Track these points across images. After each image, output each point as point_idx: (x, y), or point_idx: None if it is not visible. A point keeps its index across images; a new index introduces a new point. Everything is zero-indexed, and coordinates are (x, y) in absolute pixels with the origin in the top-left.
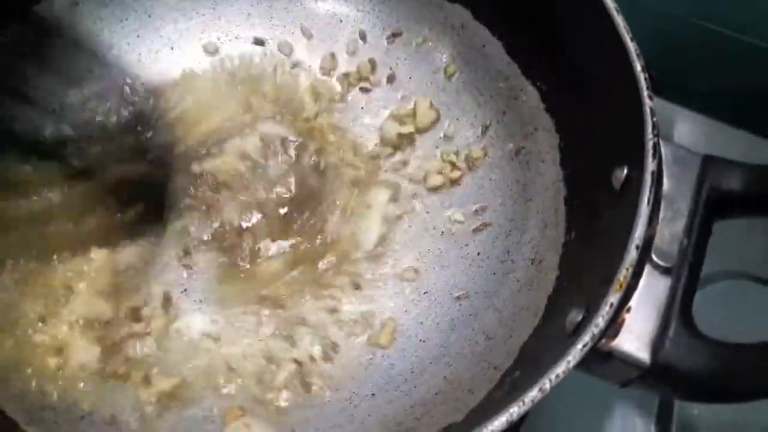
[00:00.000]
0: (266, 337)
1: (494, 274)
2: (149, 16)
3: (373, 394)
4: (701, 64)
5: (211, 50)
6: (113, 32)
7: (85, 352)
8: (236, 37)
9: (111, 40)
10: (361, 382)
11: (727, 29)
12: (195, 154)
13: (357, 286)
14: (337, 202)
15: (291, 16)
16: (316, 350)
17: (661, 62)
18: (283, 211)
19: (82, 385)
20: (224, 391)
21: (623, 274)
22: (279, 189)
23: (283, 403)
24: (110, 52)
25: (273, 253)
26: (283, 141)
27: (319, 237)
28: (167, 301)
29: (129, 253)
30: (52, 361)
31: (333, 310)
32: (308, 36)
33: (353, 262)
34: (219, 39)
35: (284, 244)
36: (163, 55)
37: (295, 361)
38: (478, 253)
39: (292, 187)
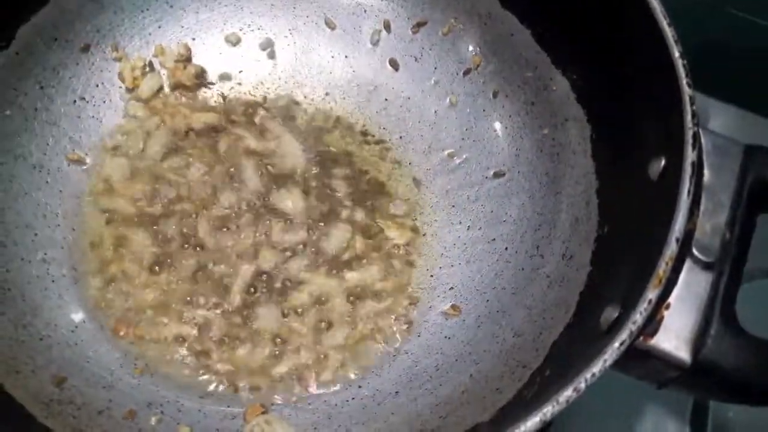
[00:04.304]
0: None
1: (523, 269)
2: (171, 6)
3: (396, 392)
4: (736, 55)
5: (233, 41)
6: (134, 22)
7: None
8: (259, 28)
9: (132, 30)
10: (384, 378)
11: (762, 19)
12: None
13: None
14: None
15: (314, 6)
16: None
17: (695, 52)
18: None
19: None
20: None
21: (662, 268)
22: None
23: (304, 400)
24: (131, 43)
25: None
26: None
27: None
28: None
29: None
30: None
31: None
32: (332, 26)
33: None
34: (241, 30)
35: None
36: None
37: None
38: (506, 248)
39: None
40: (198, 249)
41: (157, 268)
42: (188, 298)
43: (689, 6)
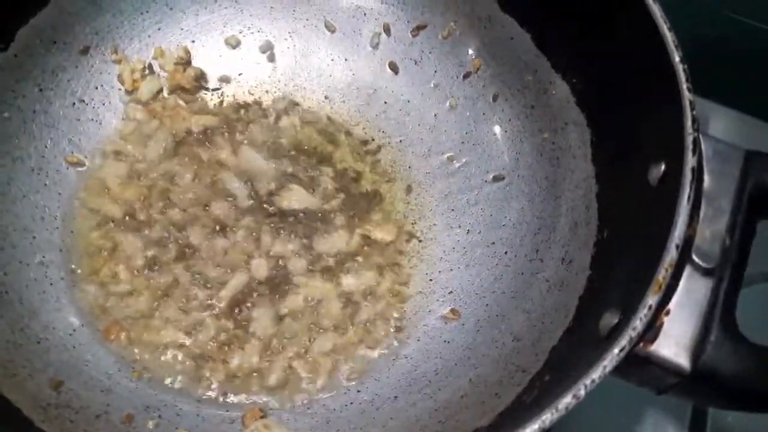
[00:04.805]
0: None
1: (522, 273)
2: (170, 9)
3: (395, 397)
4: (737, 60)
5: (233, 44)
6: (133, 24)
7: None
8: (258, 31)
9: (131, 32)
10: (383, 383)
11: (761, 23)
12: None
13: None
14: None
15: (314, 9)
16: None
17: (695, 57)
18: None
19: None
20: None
21: (662, 274)
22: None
23: (303, 405)
24: (130, 46)
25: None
26: None
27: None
28: None
29: None
30: None
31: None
32: (332, 30)
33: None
34: (241, 33)
35: None
36: None
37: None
38: (506, 252)
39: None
40: (192, 254)
41: (150, 273)
42: (182, 303)
43: (688, 9)
